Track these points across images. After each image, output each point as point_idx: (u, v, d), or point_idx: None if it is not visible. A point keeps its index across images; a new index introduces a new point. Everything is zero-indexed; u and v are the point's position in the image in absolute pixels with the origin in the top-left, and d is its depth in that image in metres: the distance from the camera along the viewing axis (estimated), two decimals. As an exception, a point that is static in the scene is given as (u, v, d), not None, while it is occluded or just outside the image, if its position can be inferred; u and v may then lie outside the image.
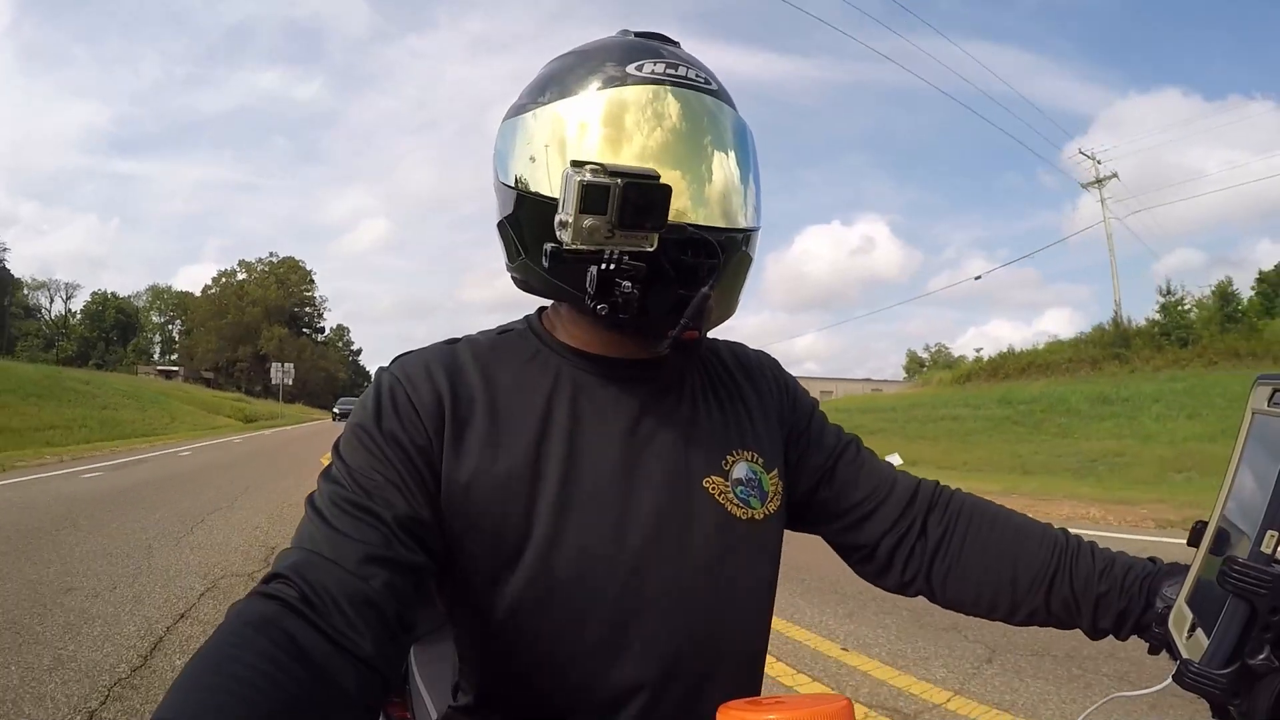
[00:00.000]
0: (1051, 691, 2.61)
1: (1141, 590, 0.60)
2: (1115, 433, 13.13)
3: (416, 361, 0.61)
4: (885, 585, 0.72)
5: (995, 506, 0.71)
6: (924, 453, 13.62)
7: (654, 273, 0.55)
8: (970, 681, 2.75)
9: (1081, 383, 16.92)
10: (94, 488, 8.06)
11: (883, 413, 19.09)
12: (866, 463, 0.72)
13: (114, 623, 3.22)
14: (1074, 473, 10.87)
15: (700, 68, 0.62)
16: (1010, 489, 8.67)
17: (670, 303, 0.56)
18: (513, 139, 0.62)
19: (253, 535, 5.32)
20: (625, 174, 0.51)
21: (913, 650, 3.09)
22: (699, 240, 0.56)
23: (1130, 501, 7.51)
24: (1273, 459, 0.46)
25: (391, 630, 0.50)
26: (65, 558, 4.41)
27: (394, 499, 0.54)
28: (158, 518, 5.94)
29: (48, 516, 5.88)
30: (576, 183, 0.51)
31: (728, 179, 0.61)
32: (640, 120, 0.58)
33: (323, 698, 0.44)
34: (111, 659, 2.79)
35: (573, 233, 0.52)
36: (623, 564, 0.59)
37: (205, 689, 0.40)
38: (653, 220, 0.52)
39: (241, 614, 0.46)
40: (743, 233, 0.62)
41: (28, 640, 2.97)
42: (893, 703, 2.57)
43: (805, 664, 2.94)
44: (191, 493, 7.68)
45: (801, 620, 3.49)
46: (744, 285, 0.65)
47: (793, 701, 0.50)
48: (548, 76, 0.63)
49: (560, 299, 0.63)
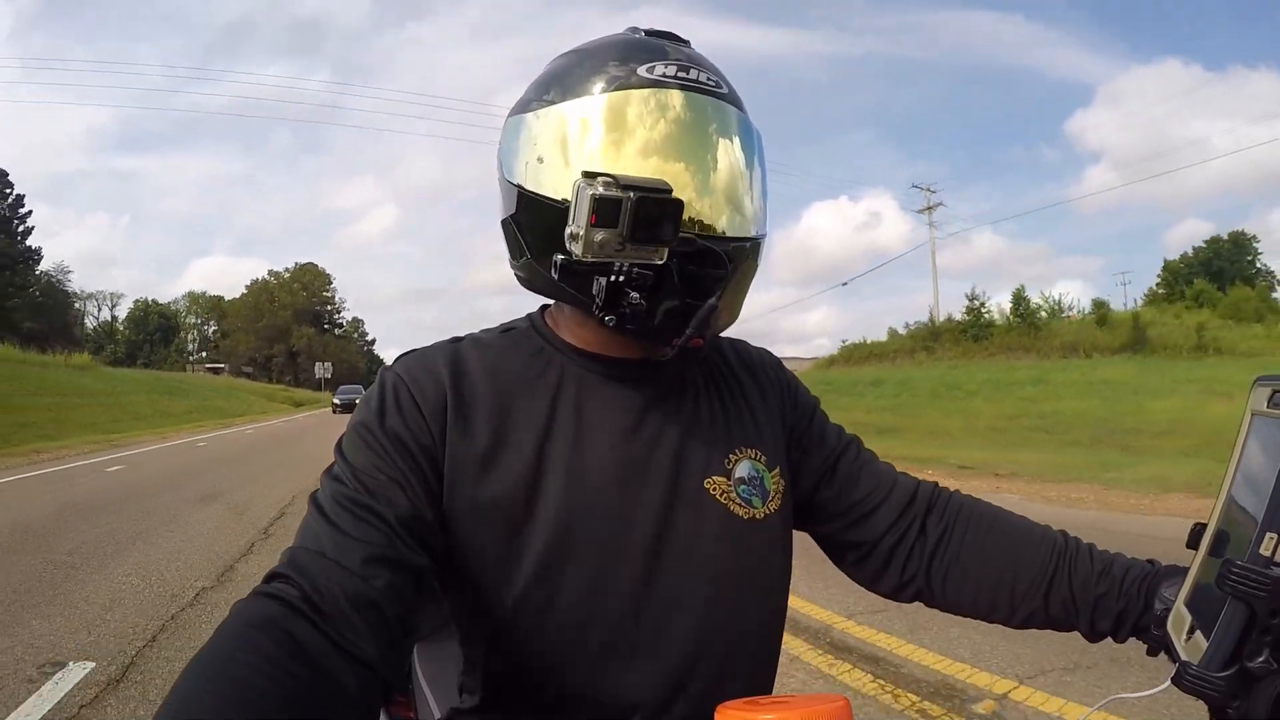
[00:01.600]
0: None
1: (1140, 592, 0.60)
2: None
3: (420, 360, 0.61)
4: (881, 588, 0.71)
5: (994, 508, 0.70)
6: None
7: (661, 282, 0.55)
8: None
9: (908, 369, 22.58)
10: (243, 440, 15.75)
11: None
12: (867, 463, 0.72)
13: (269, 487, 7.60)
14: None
15: (711, 70, 0.61)
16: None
17: (677, 312, 0.56)
18: (518, 137, 0.62)
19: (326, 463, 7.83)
20: (638, 187, 0.51)
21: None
22: (707, 251, 0.56)
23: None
24: (1272, 460, 0.46)
25: (393, 631, 0.50)
26: (254, 465, 10.17)
27: (397, 498, 0.54)
28: (283, 455, 11.72)
29: (237, 448, 13.38)
30: (589, 195, 0.51)
31: (737, 188, 0.60)
32: (649, 124, 0.57)
33: (324, 698, 0.44)
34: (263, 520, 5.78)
35: (584, 245, 0.52)
36: (627, 564, 0.59)
37: (207, 691, 0.40)
38: (665, 234, 0.52)
39: (243, 614, 0.46)
40: (750, 242, 0.61)
41: (234, 516, 6.00)
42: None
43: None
44: (290, 444, 14.13)
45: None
46: (748, 292, 0.65)
47: (790, 701, 0.50)
48: (554, 74, 0.61)
49: (563, 301, 0.63)
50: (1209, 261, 33.30)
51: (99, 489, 7.60)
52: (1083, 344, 20.55)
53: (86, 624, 3.28)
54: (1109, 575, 0.61)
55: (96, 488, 7.72)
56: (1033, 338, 21.87)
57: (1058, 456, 10.04)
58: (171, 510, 6.16)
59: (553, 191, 0.58)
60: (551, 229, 0.56)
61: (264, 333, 60.27)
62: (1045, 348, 20.99)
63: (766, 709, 0.49)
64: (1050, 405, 16.06)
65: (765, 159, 0.64)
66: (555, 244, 0.55)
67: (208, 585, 3.89)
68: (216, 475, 8.85)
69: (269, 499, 6.74)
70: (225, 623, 0.46)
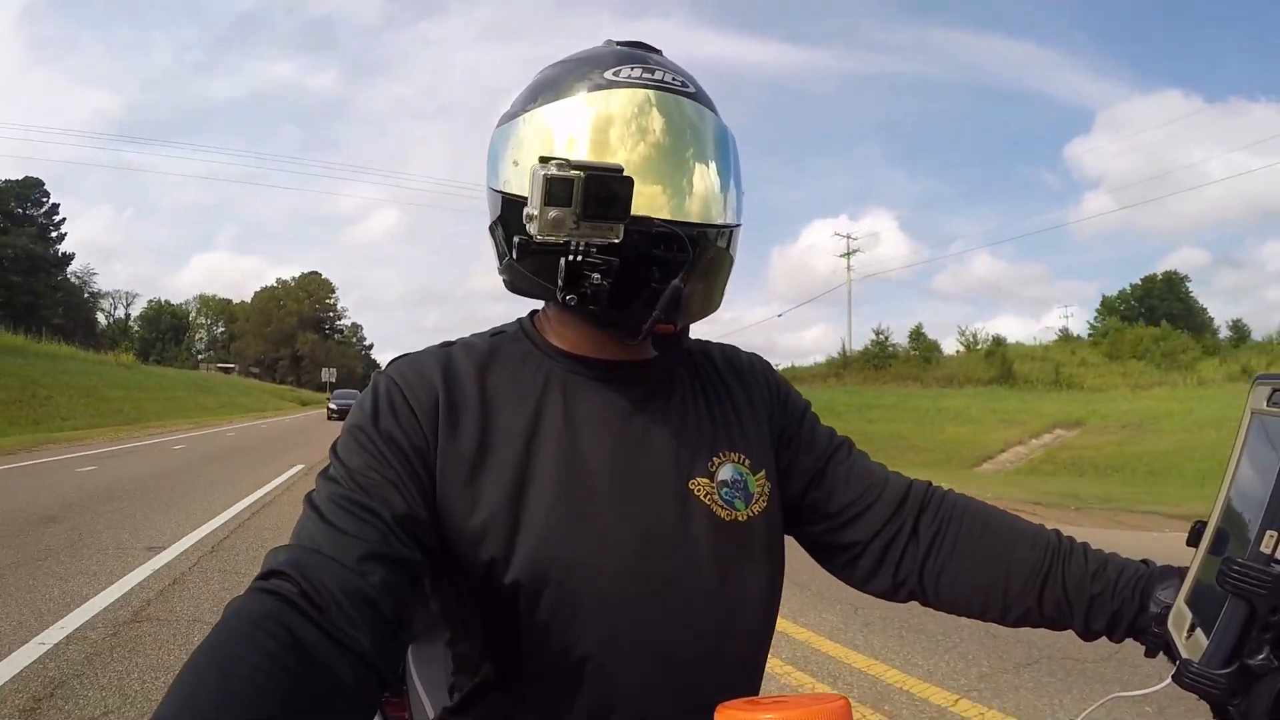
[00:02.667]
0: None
1: (1135, 593, 0.59)
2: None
3: (412, 364, 0.62)
4: (874, 589, 0.70)
5: (988, 507, 0.70)
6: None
7: (626, 266, 0.56)
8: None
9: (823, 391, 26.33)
10: (276, 428, 21.69)
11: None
12: (858, 464, 0.72)
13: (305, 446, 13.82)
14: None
15: (679, 72, 0.64)
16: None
17: (644, 295, 0.57)
18: (501, 145, 0.65)
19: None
20: (588, 167, 0.53)
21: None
22: (668, 234, 0.58)
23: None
24: (1272, 459, 0.46)
25: (390, 627, 0.51)
26: (296, 438, 16.91)
27: (392, 497, 0.55)
28: (309, 435, 17.73)
29: (278, 430, 20.57)
30: (541, 176, 0.53)
31: (701, 177, 0.62)
32: (616, 123, 0.60)
33: (322, 694, 0.45)
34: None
35: (539, 224, 0.54)
36: (612, 564, 0.59)
37: (206, 687, 0.41)
38: (615, 211, 0.53)
39: (241, 610, 0.46)
40: (716, 229, 0.62)
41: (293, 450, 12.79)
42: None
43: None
44: (311, 430, 19.91)
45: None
46: (726, 282, 0.66)
47: (790, 701, 0.50)
48: (535, 85, 0.65)
49: (540, 297, 0.65)
50: (1142, 298, 36.85)
51: (221, 445, 14.38)
52: (958, 376, 26.06)
53: (193, 520, 5.76)
54: (1103, 575, 0.61)
55: (217, 445, 14.37)
56: (921, 368, 27.70)
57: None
58: (261, 457, 11.86)
59: (523, 189, 0.59)
60: (524, 226, 0.57)
61: (271, 337, 64.38)
62: (929, 378, 26.61)
63: (767, 709, 0.49)
64: (881, 427, 19.43)
65: (737, 155, 0.66)
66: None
67: (276, 492, 7.50)
68: (279, 442, 15.50)
69: (309, 452, 12.14)
70: (223, 619, 0.46)
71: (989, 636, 3.07)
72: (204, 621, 3.20)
